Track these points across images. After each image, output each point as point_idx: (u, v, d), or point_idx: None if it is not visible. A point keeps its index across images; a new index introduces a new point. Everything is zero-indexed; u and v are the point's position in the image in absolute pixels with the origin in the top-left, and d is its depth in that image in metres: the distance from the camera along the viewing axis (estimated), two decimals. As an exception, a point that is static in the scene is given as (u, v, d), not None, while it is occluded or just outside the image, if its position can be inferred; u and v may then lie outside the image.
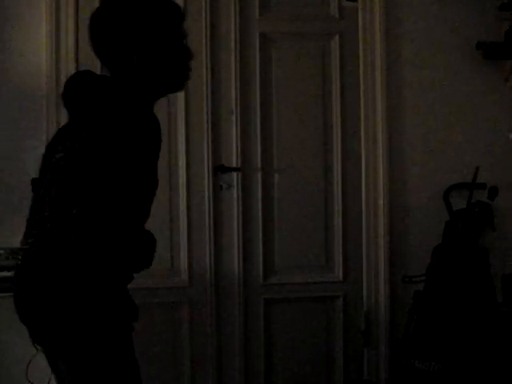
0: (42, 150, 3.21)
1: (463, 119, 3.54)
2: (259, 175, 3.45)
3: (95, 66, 3.34)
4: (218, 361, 3.43)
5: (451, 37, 3.52)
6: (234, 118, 3.41)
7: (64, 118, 3.25)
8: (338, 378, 3.55)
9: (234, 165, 3.41)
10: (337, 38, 3.51)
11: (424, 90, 3.52)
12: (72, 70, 3.25)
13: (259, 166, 3.45)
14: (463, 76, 3.53)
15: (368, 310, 3.52)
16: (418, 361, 3.11)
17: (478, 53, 3.51)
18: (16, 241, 3.09)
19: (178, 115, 3.37)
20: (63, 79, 3.23)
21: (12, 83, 3.23)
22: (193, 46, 3.43)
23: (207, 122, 3.35)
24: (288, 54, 3.48)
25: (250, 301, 3.47)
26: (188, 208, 3.37)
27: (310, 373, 3.52)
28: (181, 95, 3.27)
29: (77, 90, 1.91)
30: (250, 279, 3.46)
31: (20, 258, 1.95)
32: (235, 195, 3.42)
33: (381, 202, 3.47)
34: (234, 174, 3.42)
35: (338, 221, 3.52)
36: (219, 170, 3.39)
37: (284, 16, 3.48)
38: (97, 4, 3.30)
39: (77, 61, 3.27)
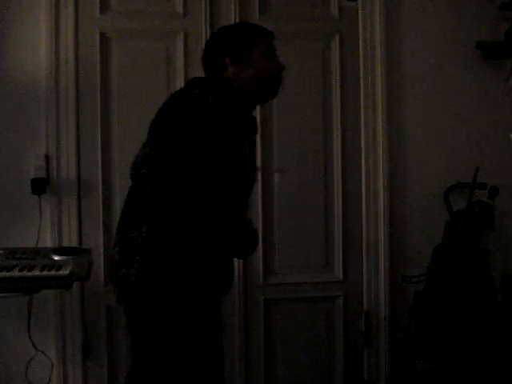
0: (42, 149, 3.24)
1: (463, 119, 3.54)
2: (259, 175, 3.45)
3: (95, 65, 3.36)
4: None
5: (451, 36, 3.52)
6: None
7: (64, 118, 3.26)
8: (338, 378, 3.55)
9: (234, 165, 3.41)
10: (337, 38, 3.51)
11: (424, 89, 3.51)
12: (71, 71, 3.26)
13: (259, 166, 3.45)
14: (463, 76, 3.53)
15: (368, 310, 3.52)
16: (419, 361, 3.11)
17: (478, 53, 3.51)
18: (16, 241, 3.10)
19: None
20: (63, 79, 3.25)
21: (12, 83, 3.23)
22: (193, 46, 3.46)
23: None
24: (288, 54, 3.46)
25: (249, 301, 3.47)
26: (188, 208, 3.36)
27: (310, 373, 3.52)
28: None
29: None
30: (250, 279, 3.46)
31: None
32: (235, 195, 3.41)
33: (381, 201, 3.47)
34: (234, 174, 3.41)
35: (338, 221, 3.52)
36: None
37: (284, 16, 3.47)
38: (96, 3, 3.33)
39: (77, 61, 3.27)
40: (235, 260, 3.35)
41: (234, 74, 2.25)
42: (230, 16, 3.40)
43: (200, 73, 3.32)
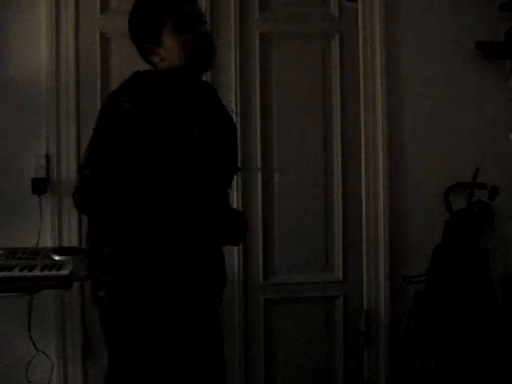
0: (43, 149, 3.24)
1: (463, 119, 3.54)
2: (259, 175, 3.45)
3: (95, 65, 3.36)
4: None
5: (451, 37, 3.52)
6: (233, 117, 3.40)
7: (64, 118, 3.26)
8: (338, 378, 3.55)
9: (234, 165, 3.41)
10: (337, 38, 3.51)
11: (424, 90, 3.51)
12: (72, 71, 3.26)
13: (259, 166, 3.45)
14: (463, 76, 3.53)
15: (368, 309, 3.52)
16: (418, 361, 3.11)
17: (478, 53, 3.51)
18: (16, 241, 3.10)
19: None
20: (63, 79, 3.25)
21: (12, 83, 3.23)
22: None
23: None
24: (288, 54, 3.48)
25: (249, 301, 3.47)
26: (188, 208, 3.36)
27: (310, 373, 3.52)
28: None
29: None
30: (250, 279, 3.46)
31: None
32: (235, 195, 3.41)
33: (381, 201, 3.47)
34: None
35: (337, 221, 3.52)
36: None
37: (284, 16, 3.47)
38: (96, 4, 3.32)
39: (77, 60, 3.27)
40: (235, 258, 3.39)
41: (160, 61, 2.07)
42: (230, 16, 3.40)
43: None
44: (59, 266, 2.63)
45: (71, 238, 3.25)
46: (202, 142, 2.02)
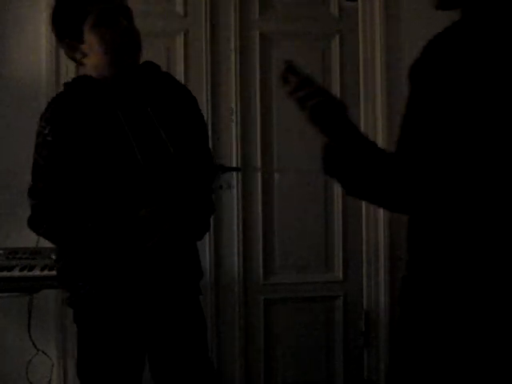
0: (42, 149, 3.24)
1: (463, 119, 3.54)
2: (259, 175, 3.45)
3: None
4: (218, 361, 3.43)
5: (451, 37, 3.52)
6: (234, 117, 3.41)
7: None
8: (338, 378, 3.55)
9: (234, 165, 3.41)
10: (337, 38, 3.51)
11: (424, 89, 3.51)
12: (72, 69, 3.25)
13: (259, 166, 3.45)
14: (463, 76, 3.53)
15: (368, 309, 3.52)
16: (418, 361, 3.11)
17: (478, 53, 3.50)
18: (16, 241, 3.10)
19: (178, 115, 3.36)
20: (63, 78, 3.24)
21: (12, 83, 3.23)
22: (193, 46, 3.46)
23: (207, 121, 3.34)
24: (288, 54, 3.47)
25: (250, 301, 3.47)
26: (188, 208, 3.37)
27: (310, 373, 3.52)
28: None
29: None
30: (250, 279, 3.47)
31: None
32: (235, 195, 3.42)
33: (381, 201, 3.47)
34: (234, 174, 3.42)
35: (337, 221, 3.52)
36: (219, 169, 3.39)
37: (284, 16, 3.48)
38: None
39: (77, 61, 3.27)
40: (235, 258, 3.40)
41: (82, 59, 2.02)
42: (230, 16, 3.40)
43: (200, 73, 3.34)
44: (59, 265, 2.62)
45: (71, 238, 3.25)
46: (137, 147, 1.97)
